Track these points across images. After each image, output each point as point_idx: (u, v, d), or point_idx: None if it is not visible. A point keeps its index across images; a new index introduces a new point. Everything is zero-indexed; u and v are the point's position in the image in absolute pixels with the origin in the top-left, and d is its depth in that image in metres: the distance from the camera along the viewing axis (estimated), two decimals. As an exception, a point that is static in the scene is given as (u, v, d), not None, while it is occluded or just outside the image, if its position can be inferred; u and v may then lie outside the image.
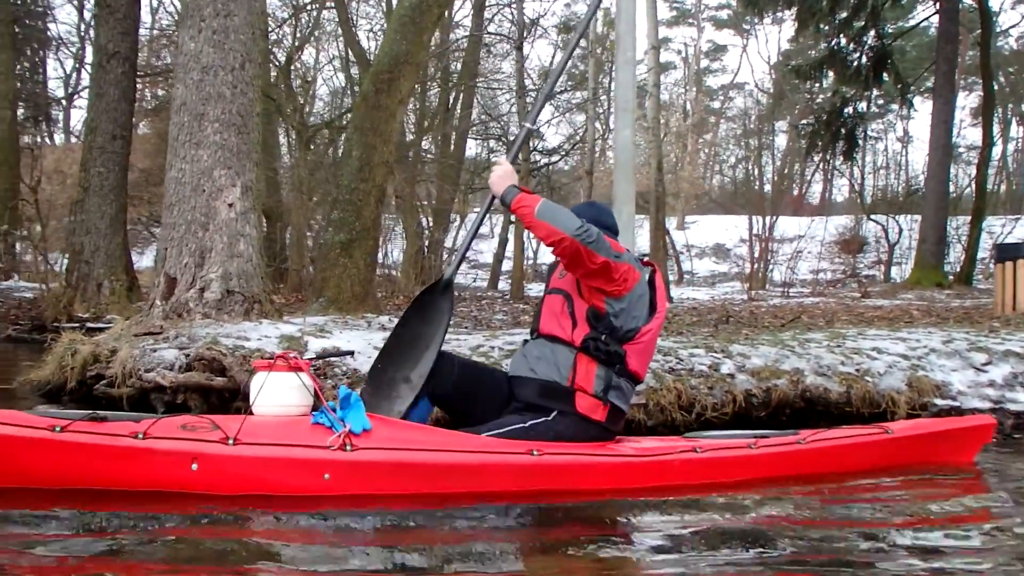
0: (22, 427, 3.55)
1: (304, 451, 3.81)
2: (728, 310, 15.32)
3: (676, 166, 39.18)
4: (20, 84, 28.99)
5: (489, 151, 30.78)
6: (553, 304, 4.45)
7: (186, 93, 8.56)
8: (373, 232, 11.02)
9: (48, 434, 3.54)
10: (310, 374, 4.25)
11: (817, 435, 4.96)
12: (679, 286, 29.75)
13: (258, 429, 3.88)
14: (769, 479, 4.61)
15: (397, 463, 3.92)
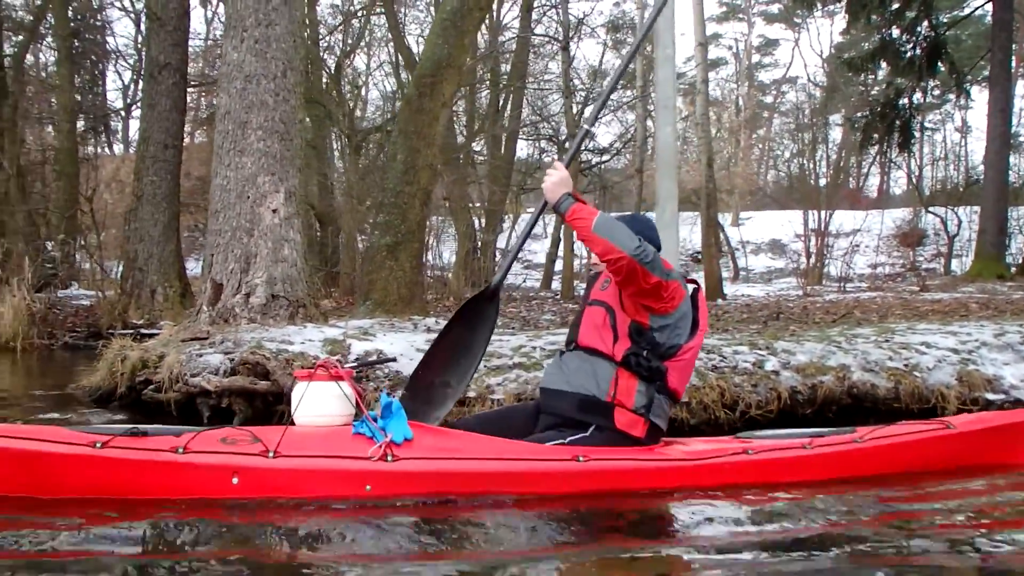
0: (64, 444, 3.57)
1: (345, 462, 3.77)
2: (780, 307, 15.16)
3: (729, 162, 38.88)
4: (80, 96, 29.53)
5: (540, 151, 30.79)
6: (594, 316, 4.31)
7: (230, 102, 8.70)
8: (418, 235, 11.08)
9: (89, 450, 3.55)
10: (351, 383, 4.22)
11: (875, 432, 4.71)
12: (735, 283, 29.48)
13: (298, 441, 3.86)
14: (825, 481, 4.38)
15: (440, 472, 3.85)
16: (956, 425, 4.81)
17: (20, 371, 10.75)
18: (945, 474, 4.66)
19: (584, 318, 4.38)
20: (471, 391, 6.45)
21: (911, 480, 4.52)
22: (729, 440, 4.60)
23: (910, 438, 4.69)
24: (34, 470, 3.54)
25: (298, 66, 9.25)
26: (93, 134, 29.63)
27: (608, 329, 4.20)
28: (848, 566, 3.14)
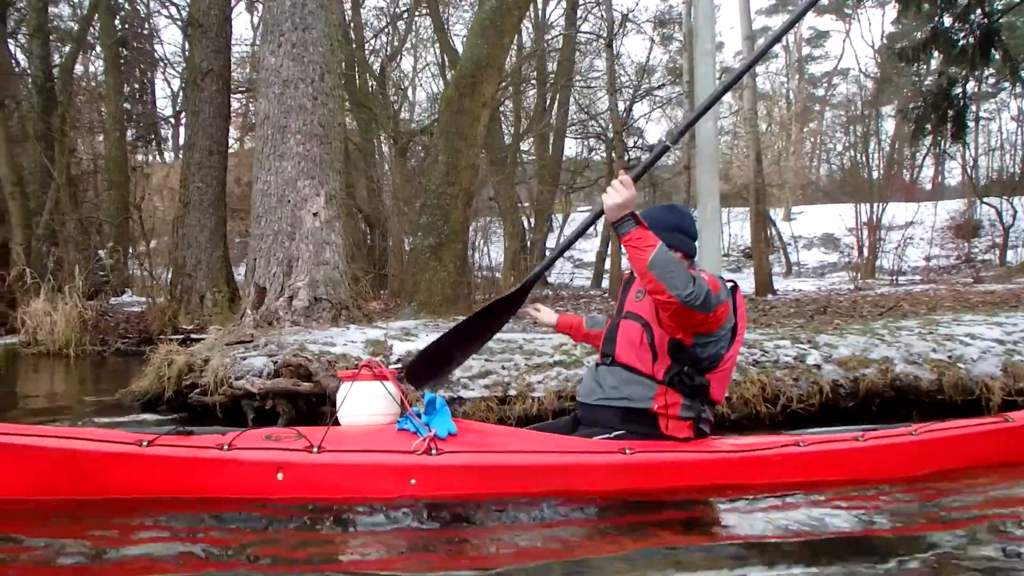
0: (111, 443, 3.60)
1: (389, 456, 3.76)
2: (828, 301, 15.01)
3: (780, 156, 38.56)
4: (130, 105, 29.96)
5: (588, 150, 30.71)
6: (630, 333, 4.12)
7: (268, 107, 8.77)
8: (462, 235, 11.12)
9: (136, 448, 3.57)
10: (395, 382, 4.21)
11: (930, 427, 4.55)
12: (787, 278, 29.29)
13: (342, 437, 3.85)
14: (879, 477, 4.24)
15: (484, 466, 3.82)
16: (1015, 419, 4.65)
17: (73, 377, 10.92)
18: (1003, 470, 4.47)
19: (620, 334, 4.20)
20: (512, 389, 6.47)
21: (967, 476, 4.37)
22: (781, 436, 4.55)
23: (967, 432, 4.58)
24: (80, 469, 3.56)
25: (335, 69, 9.30)
26: (143, 142, 30.07)
27: (646, 348, 4.04)
28: (899, 565, 3.02)
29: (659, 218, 4.17)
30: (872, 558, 3.06)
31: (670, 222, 4.18)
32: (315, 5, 8.81)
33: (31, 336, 12.90)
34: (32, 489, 3.53)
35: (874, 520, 3.62)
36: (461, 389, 6.54)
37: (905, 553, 3.14)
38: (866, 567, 2.96)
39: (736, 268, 32.88)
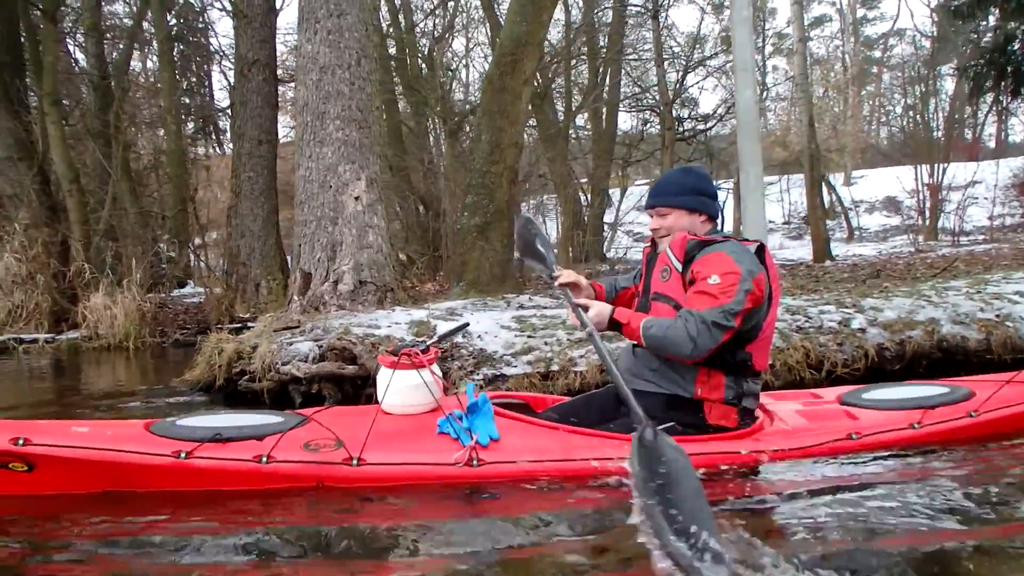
0: (150, 454, 3.61)
1: (430, 469, 3.71)
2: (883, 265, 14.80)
3: (838, 120, 37.97)
4: (188, 98, 30.35)
5: (643, 123, 30.44)
6: (662, 315, 3.94)
7: (307, 94, 8.87)
8: (507, 213, 11.13)
9: (174, 460, 3.60)
10: (432, 372, 4.18)
11: (992, 400, 4.26)
12: (849, 243, 28.89)
13: (383, 442, 3.80)
14: (937, 462, 3.97)
15: (528, 473, 3.72)
16: None
17: (133, 368, 11.11)
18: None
19: (652, 315, 4.00)
20: (554, 365, 6.50)
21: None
22: (831, 412, 4.34)
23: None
24: (120, 479, 3.63)
25: (371, 54, 9.39)
26: (203, 134, 30.46)
27: None
28: (960, 560, 2.87)
29: (676, 182, 4.12)
30: (932, 554, 2.93)
31: (688, 185, 4.08)
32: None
33: (93, 330, 13.13)
34: (77, 489, 3.62)
35: (934, 514, 3.36)
36: (504, 366, 6.58)
37: (960, 543, 3.01)
38: (927, 562, 2.87)
39: (797, 235, 32.50)
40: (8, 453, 3.52)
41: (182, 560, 3.02)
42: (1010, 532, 3.18)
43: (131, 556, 3.06)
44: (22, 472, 3.58)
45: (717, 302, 3.66)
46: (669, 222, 4.08)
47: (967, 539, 3.07)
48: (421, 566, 3.06)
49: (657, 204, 4.12)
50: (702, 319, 3.64)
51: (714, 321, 3.63)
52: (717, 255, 3.80)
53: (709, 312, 3.65)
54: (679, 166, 4.64)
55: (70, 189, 14.54)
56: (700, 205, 4.06)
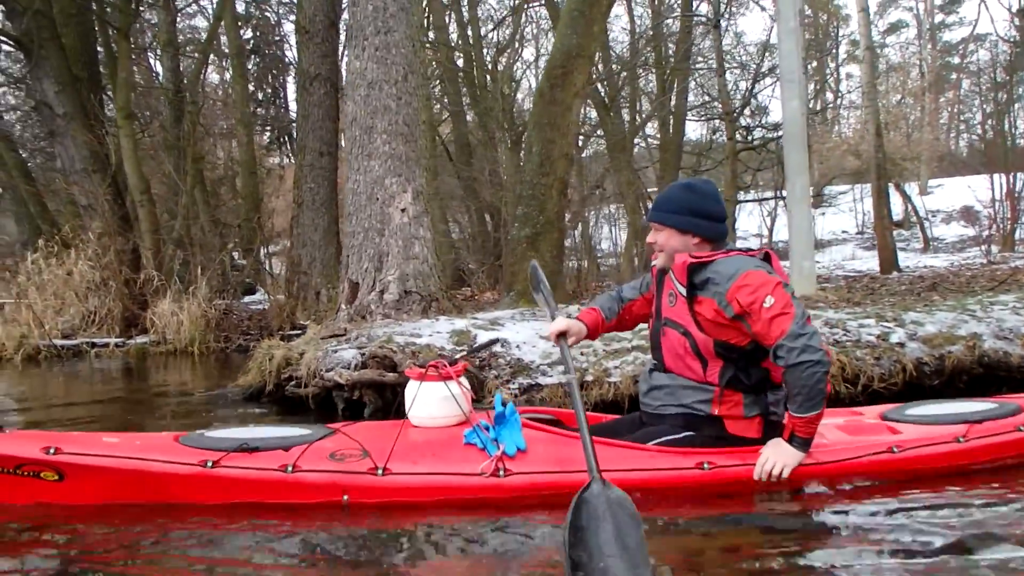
0: (176, 463, 3.67)
1: (457, 479, 3.69)
2: (943, 277, 14.59)
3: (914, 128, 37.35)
4: (264, 110, 30.93)
5: (712, 132, 30.29)
6: (673, 344, 3.92)
7: (355, 108, 9.12)
8: (558, 224, 11.22)
9: (200, 469, 3.65)
10: (460, 384, 4.14)
11: None
12: (923, 254, 28.39)
13: (408, 453, 3.79)
14: (984, 478, 3.90)
15: (555, 484, 3.67)
16: None
17: (195, 372, 11.43)
18: None
19: (663, 343, 4.01)
20: (588, 375, 6.58)
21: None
22: (872, 427, 4.25)
23: None
24: (147, 488, 3.69)
25: (418, 69, 9.58)
26: (277, 145, 31.00)
27: (692, 357, 3.86)
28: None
29: (673, 199, 3.97)
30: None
31: (684, 204, 3.92)
32: (396, 8, 9.12)
33: (160, 335, 13.55)
34: (105, 500, 3.70)
35: (976, 531, 3.27)
36: (539, 376, 6.68)
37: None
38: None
39: (871, 245, 31.99)
40: (40, 462, 3.62)
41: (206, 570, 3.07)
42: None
43: (156, 566, 3.14)
44: (53, 481, 3.66)
45: (790, 317, 3.54)
46: (661, 239, 3.98)
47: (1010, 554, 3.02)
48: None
49: (652, 219, 4.02)
50: (805, 334, 3.53)
51: (809, 331, 3.53)
52: (749, 275, 3.67)
53: (797, 327, 3.53)
54: (684, 180, 4.46)
55: (141, 200, 15.02)
56: (692, 226, 3.91)
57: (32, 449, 3.63)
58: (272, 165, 29.72)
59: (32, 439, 3.75)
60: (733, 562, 3.09)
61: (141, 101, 21.59)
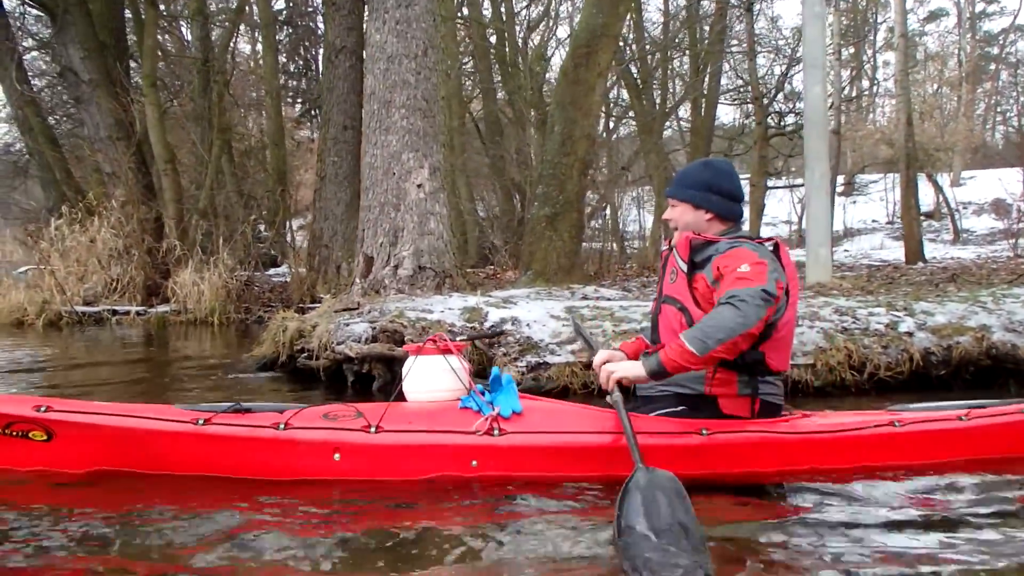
0: (167, 421, 3.61)
1: (450, 437, 3.63)
2: (968, 268, 14.45)
3: (950, 119, 36.90)
4: (295, 82, 31.02)
5: (746, 116, 30.07)
6: (669, 319, 3.86)
7: (374, 82, 9.11)
8: (577, 204, 11.22)
9: (191, 427, 3.59)
10: (461, 357, 4.04)
11: None
12: (953, 245, 28.16)
13: (402, 416, 3.73)
14: (985, 459, 3.85)
15: (550, 447, 3.64)
16: None
17: (213, 342, 11.51)
18: None
19: (661, 319, 3.96)
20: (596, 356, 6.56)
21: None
22: (877, 413, 4.11)
23: None
24: (137, 447, 3.63)
25: (438, 44, 9.57)
26: (308, 117, 31.07)
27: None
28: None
29: (690, 174, 4.02)
30: (978, 553, 2.78)
31: (700, 179, 3.95)
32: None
33: (181, 305, 13.66)
34: (94, 463, 3.65)
35: (979, 511, 3.23)
36: (548, 355, 6.67)
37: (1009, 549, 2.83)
38: (970, 562, 2.71)
39: (900, 235, 31.81)
40: (29, 420, 3.58)
41: (193, 535, 3.01)
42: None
43: (143, 530, 3.07)
44: (42, 441, 3.62)
45: (754, 283, 3.44)
46: (676, 214, 3.99)
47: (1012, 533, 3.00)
48: (439, 538, 3.01)
49: (669, 194, 4.04)
50: (746, 293, 3.41)
51: (757, 295, 3.40)
52: (740, 250, 3.65)
53: (751, 288, 3.42)
54: (704, 159, 4.39)
55: (165, 169, 15.09)
56: (706, 202, 3.91)
57: (23, 408, 3.60)
58: (302, 138, 29.78)
59: (24, 400, 3.74)
60: (730, 530, 3.07)
61: (171, 70, 21.69)
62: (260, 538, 2.94)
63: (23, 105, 16.52)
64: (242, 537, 2.94)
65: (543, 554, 2.80)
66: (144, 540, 2.95)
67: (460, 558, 2.79)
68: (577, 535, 2.97)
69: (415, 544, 2.94)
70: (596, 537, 2.96)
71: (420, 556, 2.82)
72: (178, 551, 2.83)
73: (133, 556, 2.80)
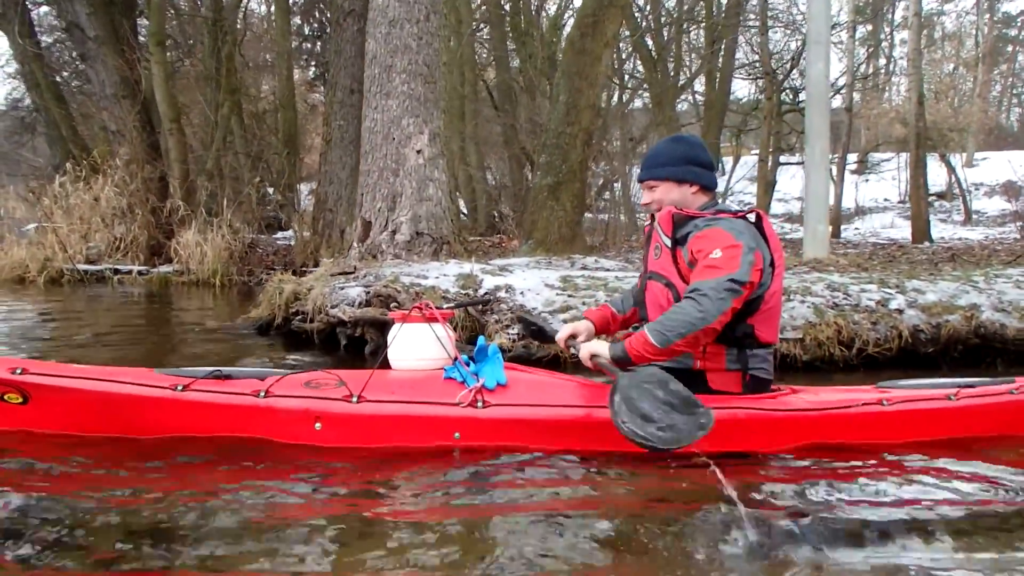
0: (146, 386, 3.55)
1: (432, 408, 3.58)
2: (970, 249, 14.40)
3: (965, 99, 36.63)
4: (310, 44, 30.85)
5: (760, 91, 29.91)
6: (656, 295, 3.82)
7: (376, 47, 9.07)
8: (580, 175, 11.20)
9: (170, 393, 3.54)
10: (446, 325, 3.98)
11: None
12: (964, 226, 28.04)
13: (385, 386, 3.67)
14: (974, 439, 3.82)
15: (534, 420, 3.58)
16: None
17: (213, 303, 11.57)
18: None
19: (647, 295, 3.91)
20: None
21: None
22: (866, 389, 4.07)
23: None
24: (116, 412, 3.57)
25: (440, 9, 9.51)
26: (323, 81, 30.96)
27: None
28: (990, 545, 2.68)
29: (664, 152, 3.92)
30: (959, 534, 2.77)
31: (677, 154, 3.88)
32: (420, -56, 9.03)
33: (184, 265, 13.71)
34: (73, 427, 3.60)
35: (965, 492, 3.22)
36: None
37: (996, 528, 2.84)
38: (958, 544, 2.69)
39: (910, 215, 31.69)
40: (4, 382, 3.53)
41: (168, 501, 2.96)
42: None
43: (122, 497, 3.03)
44: (17, 404, 3.58)
45: (722, 272, 3.41)
46: (659, 195, 3.89)
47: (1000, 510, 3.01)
48: (419, 509, 3.01)
49: (645, 178, 3.94)
50: (709, 286, 3.38)
51: (720, 286, 3.38)
52: (715, 231, 3.59)
53: (715, 281, 3.39)
54: (671, 136, 4.34)
55: (171, 128, 15.08)
56: (689, 175, 3.85)
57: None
58: (316, 101, 29.67)
59: (1, 361, 3.68)
60: (712, 504, 3.02)
61: (181, 29, 21.61)
62: (231, 506, 2.92)
63: (29, 60, 16.49)
64: (212, 504, 2.91)
65: (524, 526, 2.79)
66: (112, 505, 2.92)
67: (438, 529, 2.77)
68: (559, 508, 2.96)
69: (393, 515, 2.93)
70: (578, 509, 2.96)
71: (398, 526, 2.81)
72: (148, 517, 2.80)
73: (101, 519, 2.78)
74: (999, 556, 2.60)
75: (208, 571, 2.42)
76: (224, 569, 2.43)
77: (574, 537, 2.69)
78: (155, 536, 2.63)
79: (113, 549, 2.54)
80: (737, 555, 2.61)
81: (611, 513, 2.93)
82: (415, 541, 2.65)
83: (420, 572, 2.42)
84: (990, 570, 2.49)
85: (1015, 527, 2.84)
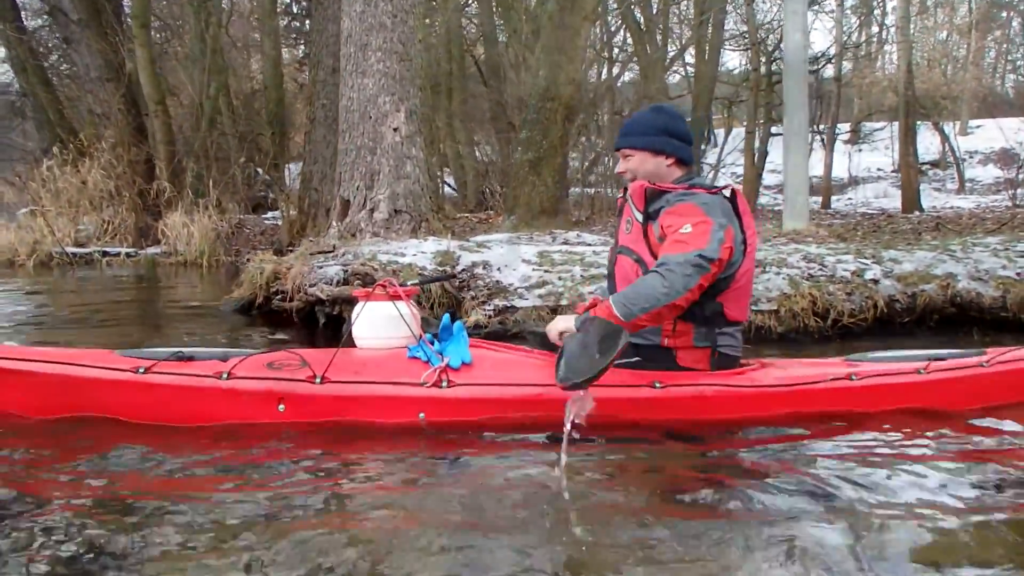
0: (106, 369, 3.51)
1: (396, 388, 3.54)
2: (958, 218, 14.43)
3: (959, 67, 36.47)
4: (299, 23, 30.71)
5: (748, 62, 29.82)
6: (625, 269, 3.78)
7: (351, 25, 9.08)
8: (561, 150, 11.22)
9: (131, 376, 3.49)
10: (410, 303, 3.91)
11: (1007, 355, 4.00)
12: (958, 195, 28.02)
13: (349, 366, 3.64)
14: (943, 413, 3.77)
15: (500, 399, 3.55)
16: None
17: (200, 284, 11.61)
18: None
19: (616, 269, 3.89)
20: (564, 300, 6.62)
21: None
22: (835, 363, 4.05)
23: None
24: (75, 395, 3.54)
25: (416, -14, 9.49)
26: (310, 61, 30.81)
27: None
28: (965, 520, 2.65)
29: (642, 121, 3.88)
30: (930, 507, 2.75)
31: (655, 124, 3.81)
32: (394, -79, 9.02)
33: (172, 247, 13.76)
34: (33, 410, 3.56)
35: (935, 463, 3.18)
36: (516, 298, 6.71)
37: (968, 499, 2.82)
38: (921, 516, 2.67)
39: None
40: None
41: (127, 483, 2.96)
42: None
43: (82, 484, 2.98)
44: None
45: (690, 247, 3.35)
46: (634, 164, 3.84)
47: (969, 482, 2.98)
48: (383, 490, 3.01)
49: (622, 145, 3.89)
50: (675, 261, 3.31)
51: (688, 262, 3.30)
52: (686, 205, 3.54)
53: (683, 256, 3.32)
54: (651, 105, 4.29)
55: (156, 110, 15.09)
56: (666, 146, 3.79)
57: None
58: (305, 80, 29.56)
59: None
60: (679, 483, 3.06)
61: (168, 9, 21.53)
62: (191, 490, 2.92)
63: (14, 45, 16.47)
64: (173, 490, 2.90)
65: (488, 504, 2.82)
66: (76, 480, 2.95)
67: (402, 509, 2.79)
68: (523, 485, 2.98)
69: (358, 496, 2.94)
70: (541, 486, 2.97)
71: (362, 508, 2.83)
72: (105, 503, 2.78)
73: (57, 504, 2.75)
74: (971, 527, 2.60)
75: (167, 559, 2.38)
76: (185, 555, 2.41)
77: (540, 516, 2.71)
78: (111, 523, 2.59)
79: (66, 535, 2.50)
80: (706, 532, 2.57)
81: (577, 489, 2.94)
82: (380, 523, 2.66)
83: (385, 553, 2.41)
84: (964, 544, 2.50)
85: (985, 499, 2.85)
